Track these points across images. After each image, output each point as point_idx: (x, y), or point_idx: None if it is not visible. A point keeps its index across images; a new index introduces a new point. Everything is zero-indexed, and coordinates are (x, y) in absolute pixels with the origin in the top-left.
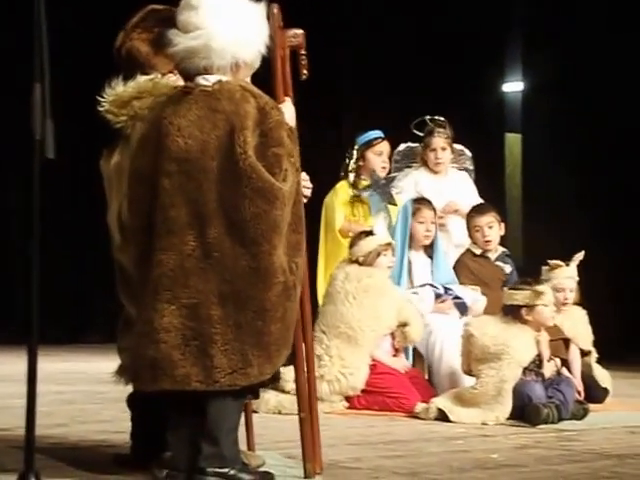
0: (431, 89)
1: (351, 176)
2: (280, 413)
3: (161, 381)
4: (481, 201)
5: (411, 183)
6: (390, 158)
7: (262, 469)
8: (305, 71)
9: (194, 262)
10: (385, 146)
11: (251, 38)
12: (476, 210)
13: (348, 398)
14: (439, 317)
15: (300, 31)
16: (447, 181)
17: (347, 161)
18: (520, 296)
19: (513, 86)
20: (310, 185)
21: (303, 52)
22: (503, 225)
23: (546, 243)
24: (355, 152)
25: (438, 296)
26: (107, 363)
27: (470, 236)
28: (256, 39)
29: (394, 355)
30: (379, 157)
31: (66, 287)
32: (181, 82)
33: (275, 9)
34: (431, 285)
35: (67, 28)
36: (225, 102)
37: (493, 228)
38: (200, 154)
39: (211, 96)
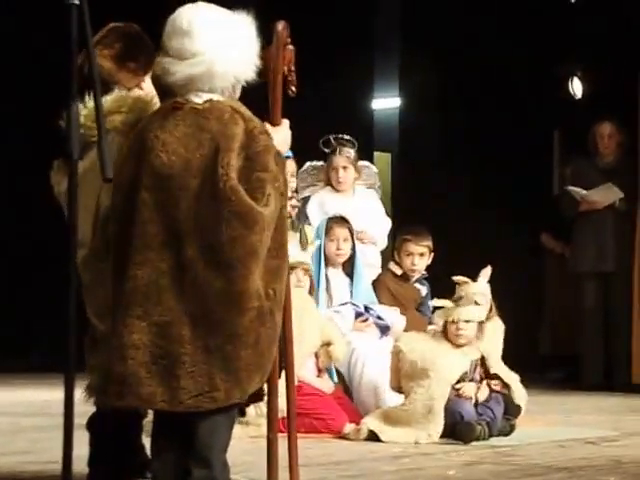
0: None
1: None
2: None
3: (127, 398)
4: (388, 219)
5: (316, 203)
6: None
7: None
8: (293, 88)
9: (168, 280)
10: (292, 165)
11: (249, 56)
12: (414, 235)
13: None
14: (360, 335)
15: (290, 47)
16: (354, 200)
17: None
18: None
19: (385, 102)
20: None
21: (292, 68)
22: (432, 255)
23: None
24: None
25: (359, 315)
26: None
27: (397, 256)
28: (252, 56)
29: (318, 375)
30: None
31: None
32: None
33: (280, 26)
34: (352, 304)
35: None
36: (213, 122)
37: (424, 256)
38: (183, 172)
39: (200, 114)
